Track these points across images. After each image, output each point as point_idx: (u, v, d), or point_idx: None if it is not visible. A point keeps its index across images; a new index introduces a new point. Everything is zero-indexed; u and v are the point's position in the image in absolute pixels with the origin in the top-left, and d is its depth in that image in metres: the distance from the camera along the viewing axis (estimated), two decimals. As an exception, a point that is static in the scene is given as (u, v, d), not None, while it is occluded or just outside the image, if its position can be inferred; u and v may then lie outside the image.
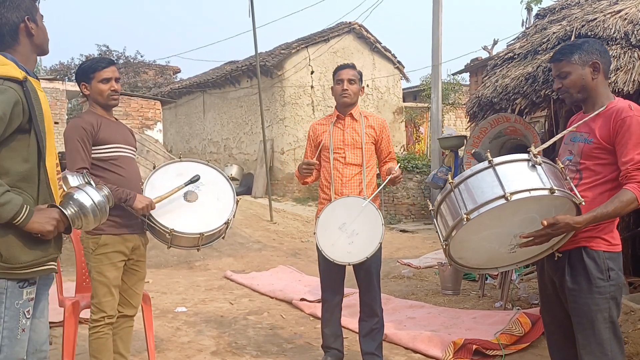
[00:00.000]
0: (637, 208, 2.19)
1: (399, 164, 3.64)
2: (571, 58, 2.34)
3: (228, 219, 3.10)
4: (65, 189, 2.13)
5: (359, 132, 3.53)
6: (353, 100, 3.55)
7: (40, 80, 2.21)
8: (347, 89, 3.50)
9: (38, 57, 2.14)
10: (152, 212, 2.97)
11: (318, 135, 3.63)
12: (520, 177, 2.11)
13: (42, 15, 2.09)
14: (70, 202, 2.02)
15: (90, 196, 2.05)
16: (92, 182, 2.15)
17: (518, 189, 2.05)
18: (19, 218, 1.85)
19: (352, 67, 3.60)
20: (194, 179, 3.07)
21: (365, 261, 3.28)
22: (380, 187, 3.44)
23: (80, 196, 2.03)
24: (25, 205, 1.87)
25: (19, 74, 1.92)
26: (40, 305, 2.10)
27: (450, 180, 2.23)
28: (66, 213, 1.98)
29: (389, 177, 3.38)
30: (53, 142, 2.05)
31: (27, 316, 1.97)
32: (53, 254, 2.03)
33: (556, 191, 2.05)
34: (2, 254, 1.87)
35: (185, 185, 3.06)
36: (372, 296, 3.54)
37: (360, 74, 3.62)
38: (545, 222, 2.10)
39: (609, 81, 3.43)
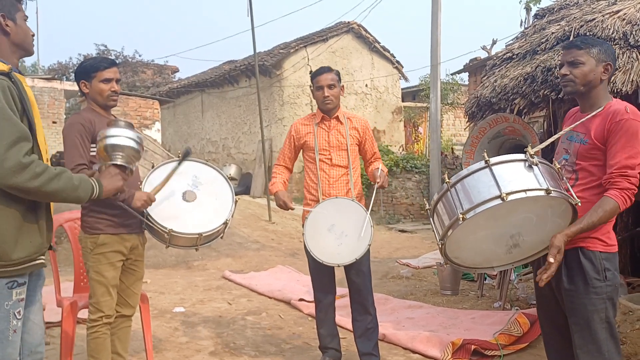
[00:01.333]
0: (619, 213, 2.21)
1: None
2: (591, 50, 2.31)
3: (227, 219, 3.09)
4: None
5: (343, 134, 3.55)
6: (335, 104, 3.56)
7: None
8: (328, 95, 3.50)
9: (32, 58, 2.16)
10: (150, 212, 2.96)
11: (301, 136, 3.62)
12: (517, 177, 2.11)
13: (27, 17, 2.10)
14: (111, 152, 2.14)
15: (121, 135, 2.17)
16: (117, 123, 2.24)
17: (514, 189, 2.05)
18: (95, 193, 2.01)
19: (329, 70, 3.57)
20: (186, 153, 2.93)
21: (356, 260, 3.28)
22: (373, 197, 3.33)
23: (113, 141, 2.15)
24: (92, 180, 2.02)
25: (4, 66, 1.93)
26: (34, 306, 2.09)
27: (447, 180, 2.22)
28: (119, 163, 2.13)
29: (376, 187, 3.35)
30: (43, 136, 2.05)
31: (18, 317, 1.96)
32: (44, 248, 2.03)
33: (552, 192, 2.05)
34: None
35: (179, 164, 2.92)
36: (364, 295, 3.53)
37: (339, 74, 3.60)
38: (552, 260, 2.09)
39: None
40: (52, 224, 2.12)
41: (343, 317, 4.29)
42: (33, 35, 2.13)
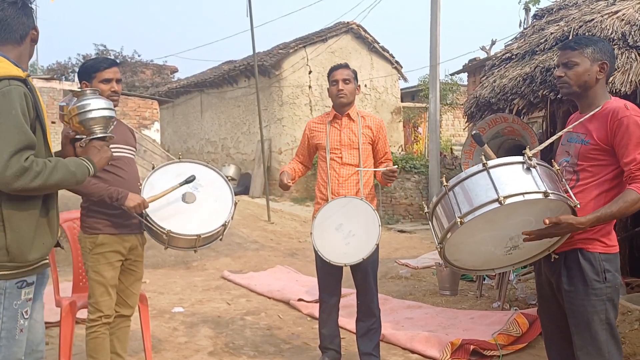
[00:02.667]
0: None
1: (397, 165, 3.67)
2: (585, 50, 2.31)
3: (225, 221, 3.08)
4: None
5: (355, 133, 3.53)
6: (349, 99, 3.54)
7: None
8: (342, 89, 3.49)
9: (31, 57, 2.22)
10: (149, 212, 2.95)
11: (314, 135, 3.63)
12: (515, 180, 2.10)
13: (38, 35, 2.20)
14: (88, 125, 2.24)
15: (91, 107, 2.25)
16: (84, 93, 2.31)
17: (512, 192, 2.04)
18: (91, 171, 2.15)
19: (346, 66, 3.59)
20: (190, 179, 3.04)
21: (362, 262, 3.27)
22: (372, 169, 3.46)
23: (87, 115, 2.24)
24: (84, 160, 2.13)
25: (21, 72, 1.97)
26: (36, 305, 2.11)
27: (445, 183, 2.22)
28: (99, 135, 2.25)
29: (385, 168, 3.38)
30: (50, 138, 2.10)
31: (26, 316, 1.98)
32: (51, 248, 2.09)
33: (550, 194, 2.04)
34: (11, 252, 1.90)
35: (180, 185, 3.02)
36: (370, 297, 3.53)
37: (355, 73, 3.61)
38: (547, 221, 2.08)
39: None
40: (58, 223, 2.17)
41: (344, 318, 4.28)
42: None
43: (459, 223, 2.07)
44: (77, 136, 2.28)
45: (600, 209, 2.15)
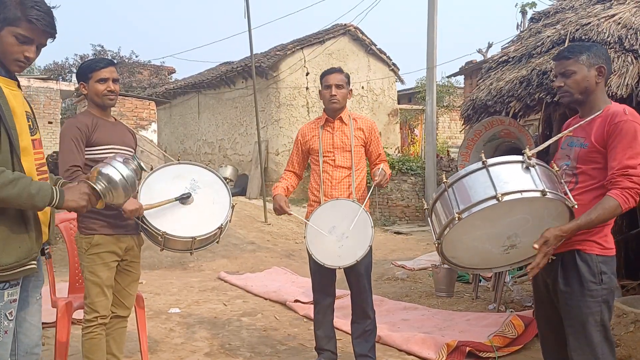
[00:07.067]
0: (622, 213, 2.21)
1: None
2: (579, 57, 2.32)
3: (222, 224, 3.07)
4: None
5: (348, 135, 3.54)
6: (342, 104, 3.55)
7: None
8: (335, 95, 3.50)
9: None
10: (145, 213, 2.96)
11: (307, 140, 3.63)
12: (513, 178, 2.11)
13: (23, 36, 1.91)
14: (99, 176, 2.06)
15: (119, 170, 2.10)
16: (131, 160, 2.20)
17: (510, 190, 2.06)
18: (54, 202, 1.91)
19: (339, 71, 3.60)
20: (185, 195, 3.04)
21: (356, 264, 3.28)
22: (369, 195, 3.46)
23: (108, 170, 2.08)
24: (54, 189, 1.91)
25: None
26: (32, 308, 2.07)
27: (445, 180, 2.24)
28: (96, 188, 2.03)
29: (374, 184, 3.41)
30: (29, 142, 1.98)
31: (10, 318, 1.92)
32: (34, 253, 1.98)
33: (548, 193, 2.06)
34: None
35: (176, 200, 3.02)
36: (364, 298, 3.54)
37: (348, 77, 3.61)
38: (536, 246, 2.10)
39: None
40: (41, 228, 2.03)
41: (340, 319, 4.29)
42: (22, 59, 1.94)
43: (456, 219, 2.09)
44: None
45: (581, 217, 2.17)
